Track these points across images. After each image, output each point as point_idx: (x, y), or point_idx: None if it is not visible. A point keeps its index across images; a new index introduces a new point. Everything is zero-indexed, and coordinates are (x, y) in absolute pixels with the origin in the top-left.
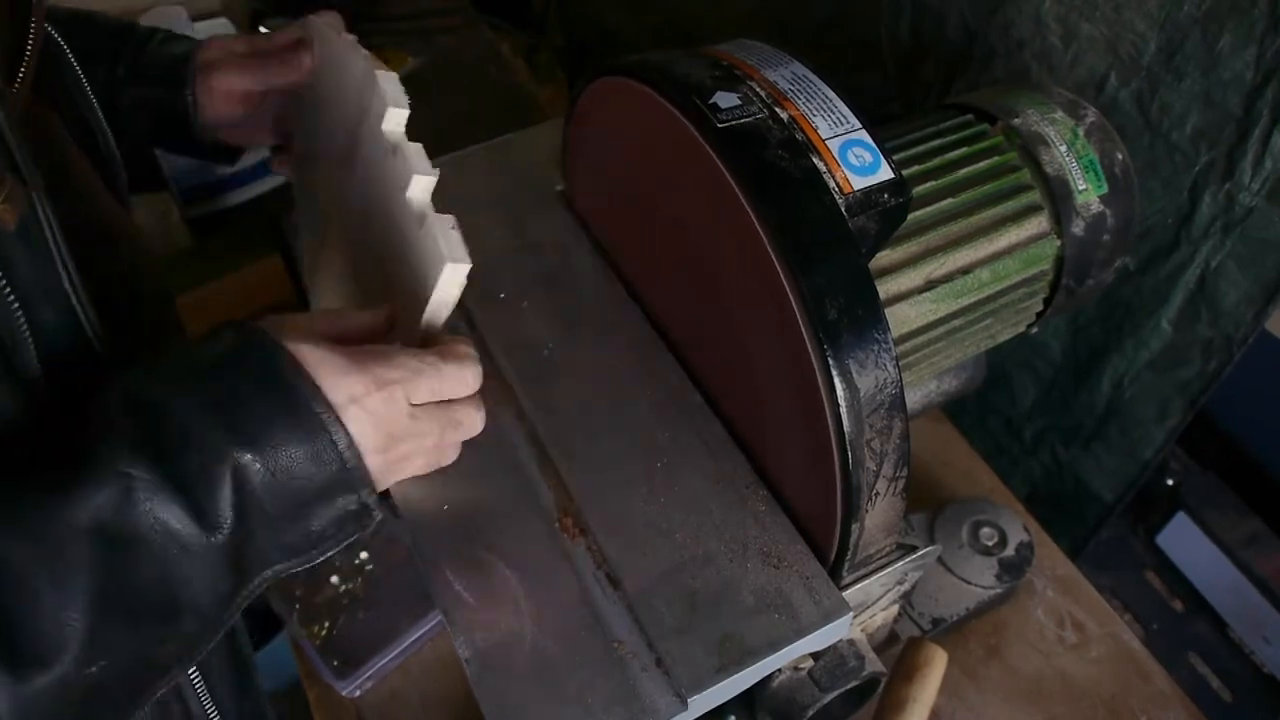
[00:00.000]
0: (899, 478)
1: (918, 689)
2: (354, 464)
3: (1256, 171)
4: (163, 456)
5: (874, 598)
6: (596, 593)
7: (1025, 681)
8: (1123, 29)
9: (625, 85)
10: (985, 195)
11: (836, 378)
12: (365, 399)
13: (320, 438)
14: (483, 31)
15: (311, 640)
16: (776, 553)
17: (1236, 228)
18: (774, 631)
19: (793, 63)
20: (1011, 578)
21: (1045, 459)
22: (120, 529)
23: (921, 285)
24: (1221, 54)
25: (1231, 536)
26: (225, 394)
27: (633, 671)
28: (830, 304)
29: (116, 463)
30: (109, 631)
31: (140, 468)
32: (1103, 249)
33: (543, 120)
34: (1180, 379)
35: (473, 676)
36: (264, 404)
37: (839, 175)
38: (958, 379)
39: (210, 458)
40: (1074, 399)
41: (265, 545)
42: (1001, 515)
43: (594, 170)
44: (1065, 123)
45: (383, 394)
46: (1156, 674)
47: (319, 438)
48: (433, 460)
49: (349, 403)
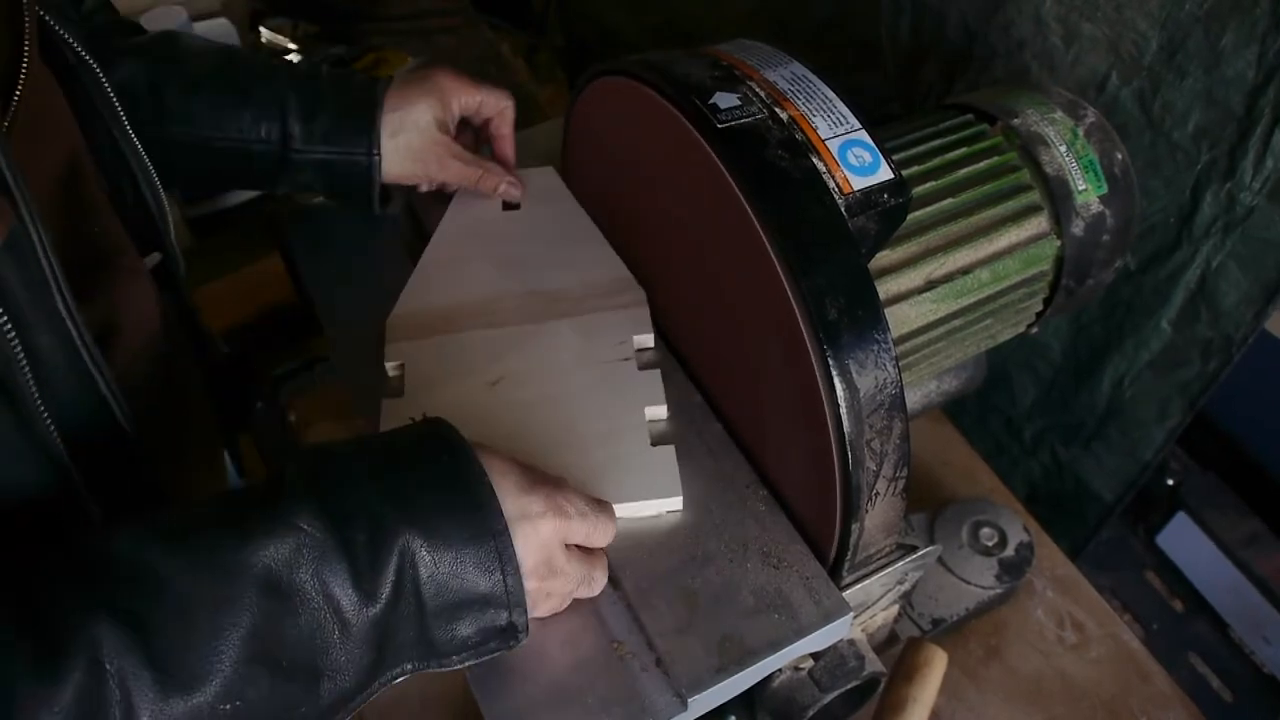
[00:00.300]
0: (899, 478)
1: (918, 689)
2: (514, 581)
3: (1258, 171)
4: (338, 523)
5: (874, 598)
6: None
7: (1025, 682)
8: (1124, 28)
9: (625, 85)
10: (985, 195)
11: (836, 378)
12: (539, 520)
13: (488, 546)
14: (483, 31)
15: None
16: (776, 553)
17: (1237, 227)
18: (774, 632)
19: (792, 63)
20: (1011, 578)
21: (1045, 459)
22: (285, 580)
23: (921, 285)
24: (1223, 53)
25: (1231, 536)
26: (407, 480)
27: (633, 671)
28: (830, 304)
29: (295, 518)
30: (252, 675)
31: (315, 526)
32: (1102, 249)
33: (543, 120)
34: (1180, 379)
35: (472, 677)
36: (442, 497)
37: (839, 175)
38: (958, 379)
39: (381, 533)
40: (1074, 399)
41: (412, 636)
42: (1001, 515)
43: (594, 170)
44: (1065, 123)
45: (555, 522)
46: (1156, 674)
47: (487, 546)
48: (557, 605)
49: (521, 518)
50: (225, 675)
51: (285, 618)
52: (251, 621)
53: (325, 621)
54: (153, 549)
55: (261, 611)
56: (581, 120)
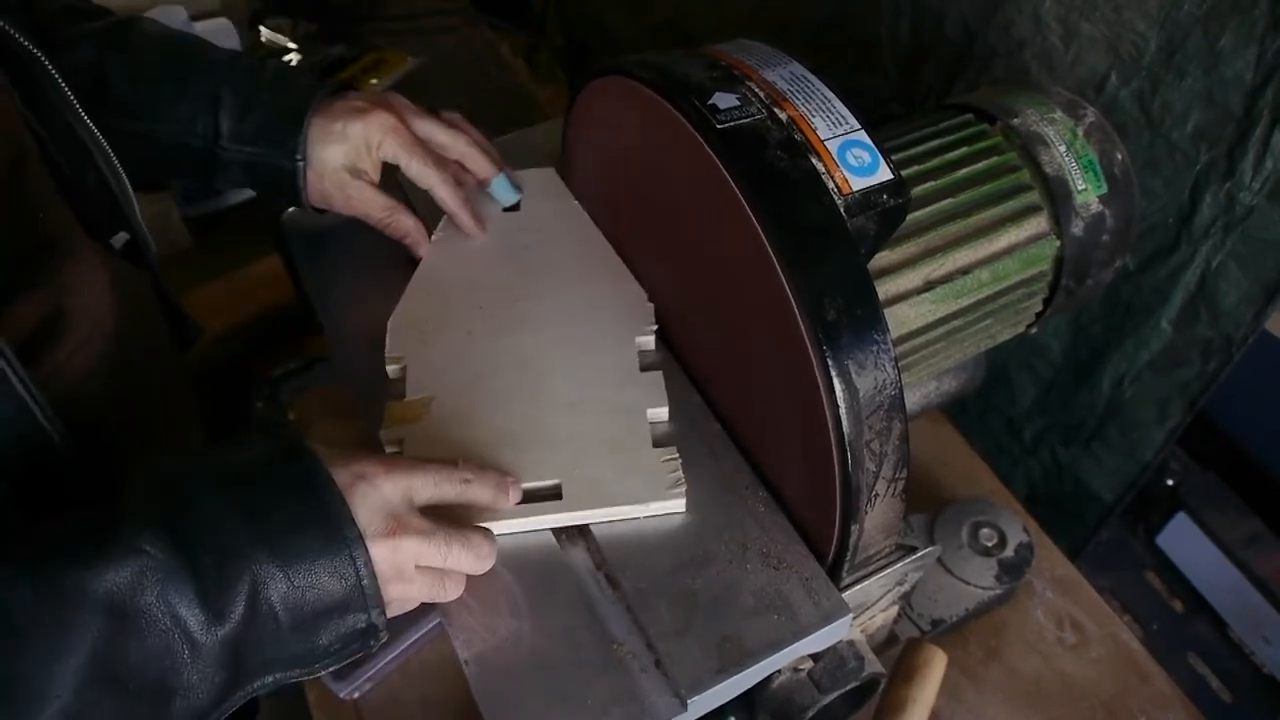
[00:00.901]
0: (898, 479)
1: (917, 690)
2: (370, 583)
3: (1257, 171)
4: (183, 543)
5: (873, 599)
6: (596, 593)
7: (1025, 682)
8: (1123, 28)
9: (625, 85)
10: (985, 195)
11: (836, 379)
12: (374, 478)
13: (342, 554)
14: (483, 31)
15: None
16: (776, 553)
17: (1237, 227)
18: (773, 632)
19: (791, 63)
20: (1011, 579)
21: (1045, 459)
22: (128, 604)
23: (921, 286)
24: (1222, 53)
25: (1231, 536)
26: (255, 496)
27: (632, 672)
28: (829, 305)
29: (138, 539)
30: (94, 697)
31: (159, 548)
32: (1102, 249)
33: (543, 120)
34: (1180, 379)
35: (472, 678)
36: (293, 511)
37: (838, 176)
38: (957, 379)
39: (231, 555)
40: (1074, 399)
41: (270, 654)
42: (1001, 516)
43: (594, 170)
44: (1064, 123)
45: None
46: (1156, 674)
47: (341, 554)
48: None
49: (356, 480)
50: (64, 699)
51: (129, 640)
52: (92, 646)
53: (173, 643)
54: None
55: (103, 635)
56: (581, 120)
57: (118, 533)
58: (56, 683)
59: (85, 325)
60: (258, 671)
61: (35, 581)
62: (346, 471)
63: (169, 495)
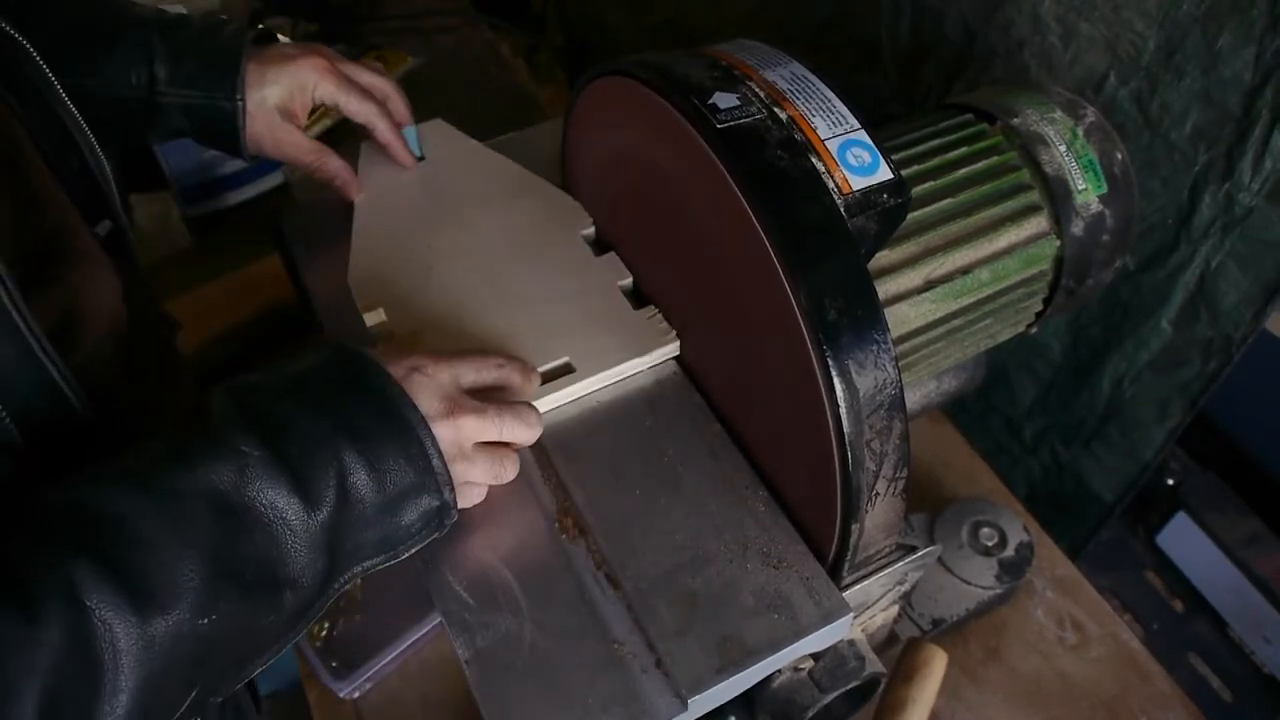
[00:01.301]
0: (899, 478)
1: (917, 690)
2: (439, 463)
3: (1256, 171)
4: (273, 442)
5: (874, 598)
6: (596, 593)
7: (1025, 682)
8: (1122, 28)
9: (625, 85)
10: (985, 195)
11: (836, 378)
12: (425, 368)
13: (411, 437)
14: (483, 31)
15: (310, 641)
16: (776, 553)
17: (1236, 228)
18: (774, 632)
19: (791, 63)
20: (1011, 578)
21: (1045, 459)
22: (234, 500)
23: (921, 285)
24: (1221, 53)
25: (1231, 536)
26: (327, 397)
27: (632, 672)
28: (830, 305)
29: (234, 441)
30: (221, 590)
31: (252, 446)
32: (1102, 249)
33: (543, 120)
34: (1180, 379)
35: (472, 678)
36: (363, 405)
37: (838, 176)
38: (958, 379)
39: (316, 448)
40: (1074, 399)
41: (361, 538)
42: (1001, 516)
43: (594, 170)
44: (1064, 122)
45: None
46: (1156, 674)
47: (410, 437)
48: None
49: (410, 371)
50: (196, 591)
51: (240, 534)
52: (210, 542)
53: (278, 533)
54: (108, 492)
55: (218, 531)
56: (581, 120)
57: (215, 439)
58: (187, 578)
59: (100, 325)
60: (351, 557)
61: (152, 491)
62: (400, 366)
63: (250, 406)
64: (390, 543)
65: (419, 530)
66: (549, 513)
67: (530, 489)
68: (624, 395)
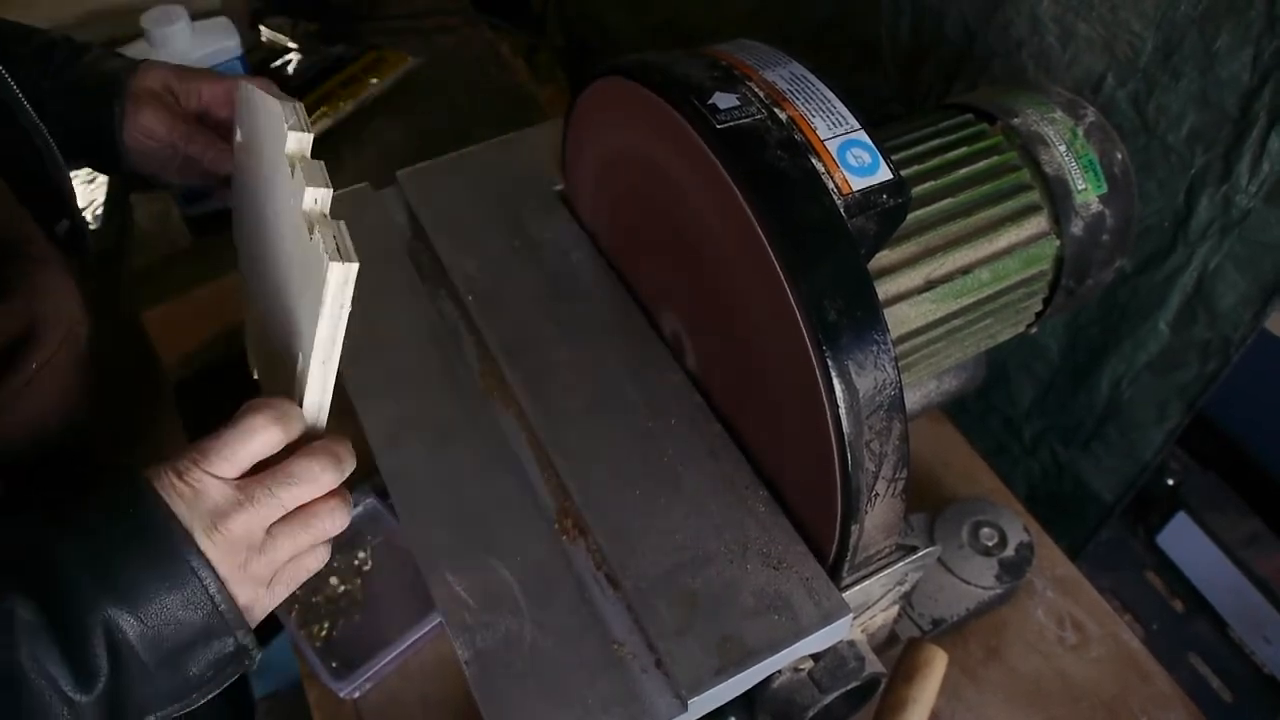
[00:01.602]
0: (898, 479)
1: (918, 690)
2: (227, 606)
3: (1254, 173)
4: (45, 603)
5: (874, 599)
6: (596, 593)
7: (1025, 682)
8: (1119, 29)
9: (625, 86)
10: (985, 195)
11: (836, 379)
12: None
13: (190, 584)
14: (483, 31)
15: (310, 641)
16: (776, 554)
17: (1234, 230)
18: (774, 632)
19: (791, 63)
20: (1011, 578)
21: (1045, 459)
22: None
23: (921, 285)
24: (1218, 55)
25: (1231, 536)
26: (102, 543)
27: (632, 672)
28: (829, 305)
29: (7, 602)
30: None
31: (27, 609)
32: (1102, 249)
33: (543, 120)
34: (1178, 381)
35: (472, 678)
36: (131, 552)
37: (838, 176)
38: (958, 379)
39: (83, 609)
40: (1073, 400)
41: (143, 695)
42: (1001, 516)
43: (593, 170)
44: (1064, 122)
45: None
46: (1157, 674)
47: (189, 584)
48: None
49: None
50: None
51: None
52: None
53: (51, 703)
54: None
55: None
56: (581, 121)
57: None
58: None
59: (58, 331)
60: (136, 715)
61: None
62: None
63: (34, 549)
64: (179, 694)
65: (212, 677)
66: (549, 513)
67: (530, 489)
68: (624, 394)
